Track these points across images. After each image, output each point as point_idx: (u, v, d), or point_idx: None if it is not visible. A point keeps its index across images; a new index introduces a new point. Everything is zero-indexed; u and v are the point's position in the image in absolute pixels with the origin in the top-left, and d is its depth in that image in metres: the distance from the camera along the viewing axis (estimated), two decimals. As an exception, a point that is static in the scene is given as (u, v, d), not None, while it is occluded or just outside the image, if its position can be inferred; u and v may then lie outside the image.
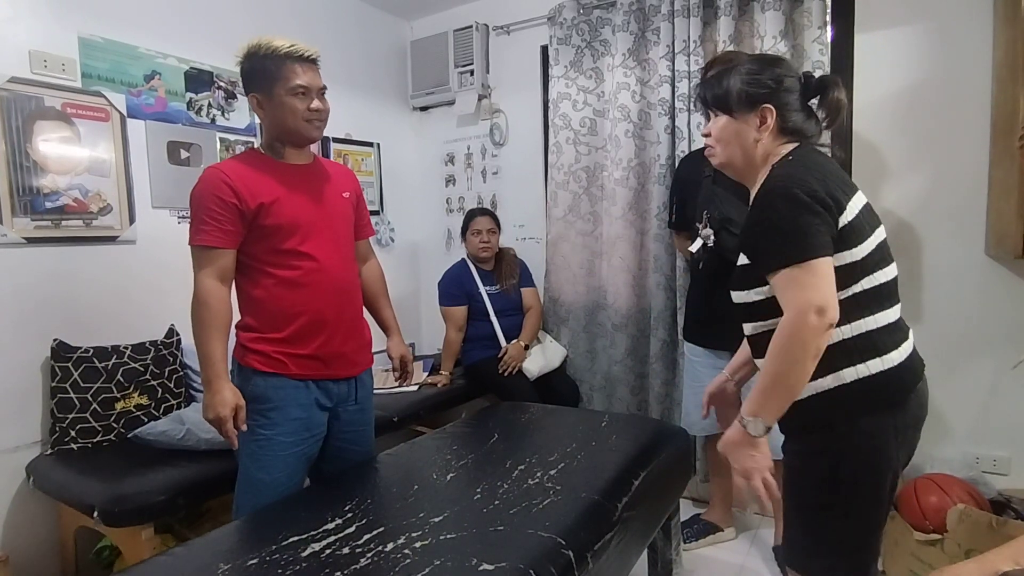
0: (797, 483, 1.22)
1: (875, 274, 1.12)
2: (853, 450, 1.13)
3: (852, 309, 1.10)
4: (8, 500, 1.95)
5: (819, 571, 1.21)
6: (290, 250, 1.52)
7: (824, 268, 1.05)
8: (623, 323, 2.64)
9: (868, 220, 1.13)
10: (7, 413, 1.93)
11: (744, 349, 1.42)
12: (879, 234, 1.15)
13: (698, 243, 2.03)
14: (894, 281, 1.16)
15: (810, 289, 1.03)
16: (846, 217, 1.09)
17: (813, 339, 1.03)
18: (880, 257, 1.14)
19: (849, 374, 1.11)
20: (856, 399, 1.11)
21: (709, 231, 1.98)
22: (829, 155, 1.24)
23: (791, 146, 1.19)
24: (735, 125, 1.20)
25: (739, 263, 1.22)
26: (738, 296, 1.23)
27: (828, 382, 1.12)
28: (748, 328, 1.24)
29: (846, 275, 1.09)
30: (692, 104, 2.40)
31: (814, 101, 1.21)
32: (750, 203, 1.21)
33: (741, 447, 1.13)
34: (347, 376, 1.64)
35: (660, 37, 2.46)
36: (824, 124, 1.21)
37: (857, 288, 1.11)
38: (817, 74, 1.23)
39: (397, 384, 1.99)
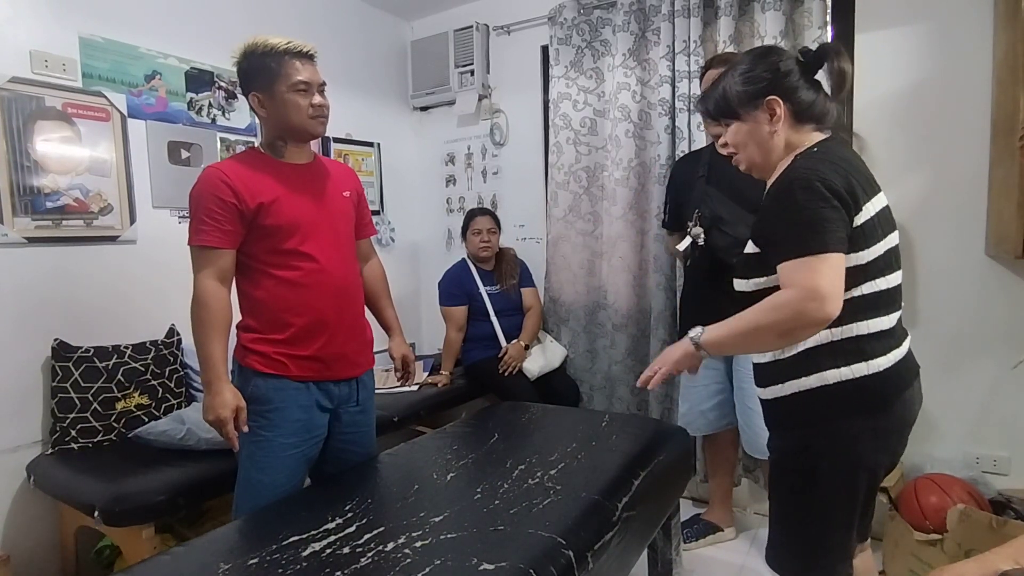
0: (778, 480, 1.23)
1: (877, 280, 1.11)
2: (831, 450, 1.13)
3: (847, 312, 1.09)
4: (9, 500, 1.95)
5: (791, 571, 1.23)
6: (290, 250, 1.52)
7: (837, 263, 1.03)
8: (623, 323, 2.64)
9: (882, 224, 1.11)
10: (7, 413, 1.94)
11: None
12: (891, 239, 1.13)
13: (687, 241, 2.03)
14: (897, 288, 1.15)
15: (820, 276, 1.01)
16: (860, 218, 1.07)
17: (800, 326, 1.03)
18: (887, 263, 1.12)
19: (832, 375, 1.11)
20: (837, 401, 1.11)
21: (699, 230, 1.99)
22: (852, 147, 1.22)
23: (816, 136, 1.17)
24: (746, 126, 1.18)
25: (746, 251, 1.21)
26: (739, 284, 1.22)
27: (811, 381, 1.12)
28: None
29: (848, 278, 1.08)
30: (692, 104, 2.40)
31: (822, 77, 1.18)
32: (766, 192, 1.19)
33: (677, 350, 1.22)
34: (348, 377, 1.64)
35: (660, 37, 2.46)
36: (831, 94, 1.18)
37: (856, 292, 1.10)
38: (814, 46, 1.20)
39: (398, 384, 1.99)
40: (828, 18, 2.20)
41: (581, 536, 1.22)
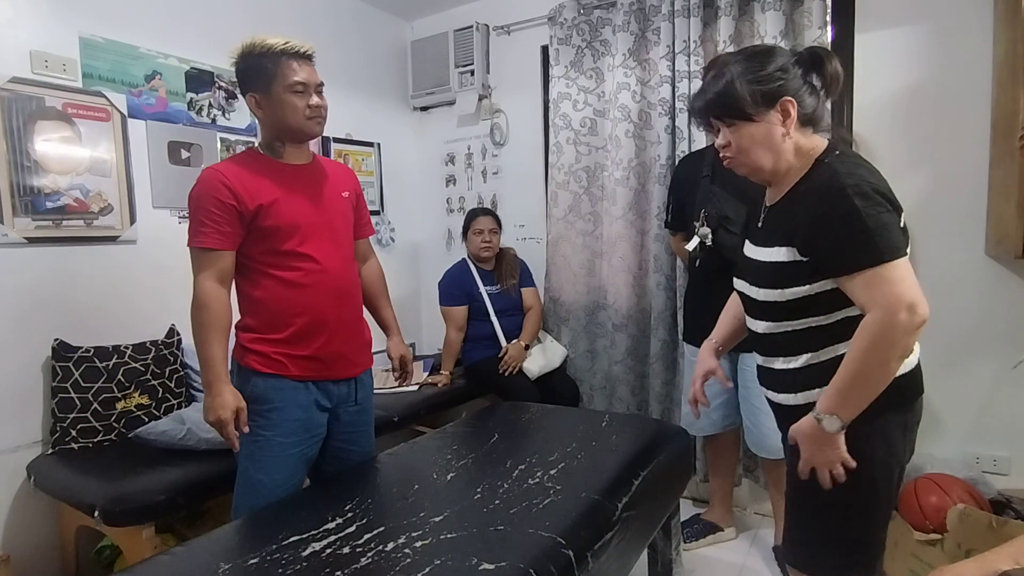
0: (809, 483, 1.19)
1: None
2: (870, 448, 1.13)
3: None
4: (9, 500, 1.95)
5: (829, 570, 1.21)
6: (290, 251, 1.52)
7: (907, 266, 1.03)
8: (623, 323, 2.64)
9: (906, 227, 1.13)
10: (8, 413, 1.94)
11: (729, 321, 1.43)
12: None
13: (695, 241, 2.03)
14: None
15: (899, 285, 1.01)
16: (902, 220, 1.08)
17: (903, 338, 1.02)
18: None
19: None
20: (879, 398, 1.09)
21: (707, 230, 1.98)
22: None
23: (820, 139, 1.16)
24: (762, 128, 1.13)
25: (766, 259, 1.17)
26: (767, 294, 1.18)
27: None
28: (764, 326, 1.21)
29: None
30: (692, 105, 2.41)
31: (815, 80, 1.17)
32: (785, 197, 1.17)
33: (814, 441, 1.11)
34: (347, 377, 1.64)
35: (660, 37, 2.46)
36: (825, 97, 1.17)
37: None
38: (805, 48, 1.17)
39: (397, 384, 1.99)
40: (828, 18, 2.20)
41: (581, 536, 1.22)
